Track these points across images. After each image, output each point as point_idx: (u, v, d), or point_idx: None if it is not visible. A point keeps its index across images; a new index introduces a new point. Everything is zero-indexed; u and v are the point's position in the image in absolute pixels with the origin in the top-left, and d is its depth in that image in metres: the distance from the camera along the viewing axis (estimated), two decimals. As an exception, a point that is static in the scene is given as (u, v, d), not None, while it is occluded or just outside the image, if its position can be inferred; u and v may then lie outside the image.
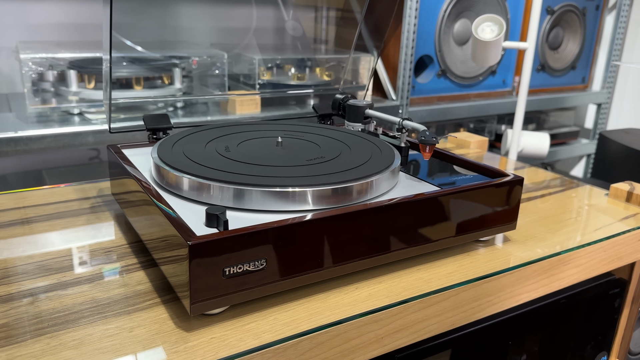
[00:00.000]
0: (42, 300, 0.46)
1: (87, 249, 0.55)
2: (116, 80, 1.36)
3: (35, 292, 0.47)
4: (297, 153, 0.58)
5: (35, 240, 0.57)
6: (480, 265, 0.55)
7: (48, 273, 0.50)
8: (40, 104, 1.31)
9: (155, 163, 0.52)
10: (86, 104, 1.29)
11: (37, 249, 0.54)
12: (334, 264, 0.47)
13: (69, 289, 0.48)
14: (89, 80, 1.32)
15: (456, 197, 0.53)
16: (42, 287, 0.48)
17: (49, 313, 0.44)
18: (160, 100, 1.38)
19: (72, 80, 1.29)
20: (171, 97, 1.37)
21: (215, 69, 1.40)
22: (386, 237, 0.50)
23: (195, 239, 0.40)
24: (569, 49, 2.05)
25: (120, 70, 1.34)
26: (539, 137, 1.19)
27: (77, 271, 0.51)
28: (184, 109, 1.40)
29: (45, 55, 1.25)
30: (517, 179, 0.58)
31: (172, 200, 0.50)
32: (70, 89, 1.29)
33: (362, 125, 0.71)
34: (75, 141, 1.19)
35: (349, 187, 0.50)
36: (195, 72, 1.43)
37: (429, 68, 1.67)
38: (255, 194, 0.48)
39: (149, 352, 0.40)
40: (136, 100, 1.33)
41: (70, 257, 0.53)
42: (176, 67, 1.38)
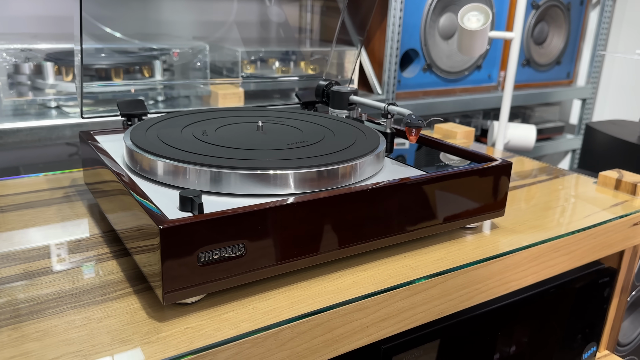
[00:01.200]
0: (6, 290, 0.43)
1: (56, 238, 0.52)
2: (95, 71, 1.33)
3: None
4: (279, 137, 0.55)
5: (0, 230, 0.53)
6: (468, 252, 0.53)
7: (13, 263, 0.47)
8: (15, 96, 1.27)
9: (128, 147, 0.50)
10: (64, 97, 1.26)
11: (2, 240, 0.51)
12: (316, 250, 0.45)
13: (35, 280, 0.45)
14: (67, 72, 1.28)
15: (443, 182, 0.51)
16: (5, 278, 0.45)
17: (12, 304, 0.41)
18: (140, 93, 1.35)
19: (49, 73, 1.26)
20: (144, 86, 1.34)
21: (197, 61, 1.37)
22: (371, 223, 0.48)
23: (167, 223, 0.38)
24: (554, 44, 2.05)
25: (99, 61, 1.30)
26: (525, 129, 1.18)
27: (44, 261, 0.48)
28: (165, 102, 1.37)
29: (20, 47, 1.21)
30: (505, 164, 0.56)
31: (146, 185, 0.47)
32: (47, 82, 1.26)
33: (346, 112, 0.69)
34: (52, 135, 1.16)
35: (332, 170, 0.48)
36: (177, 64, 1.40)
37: (415, 62, 1.65)
38: (234, 177, 0.45)
39: (119, 343, 0.37)
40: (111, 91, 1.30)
41: (39, 247, 0.50)
42: (156, 59, 1.34)
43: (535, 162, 0.86)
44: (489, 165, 0.55)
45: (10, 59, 1.22)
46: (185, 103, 1.39)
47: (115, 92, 1.33)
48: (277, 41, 1.68)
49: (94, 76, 1.32)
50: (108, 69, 1.31)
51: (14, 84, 1.28)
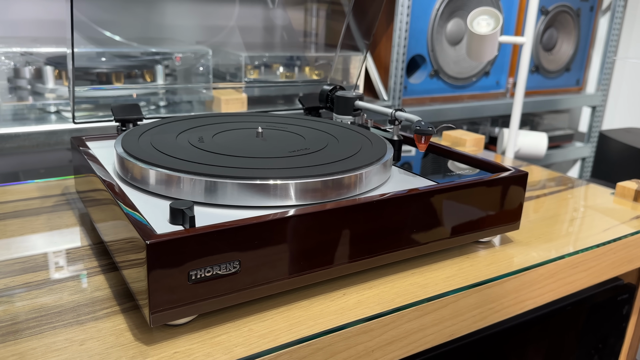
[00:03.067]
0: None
1: (42, 250, 0.49)
2: (96, 76, 1.31)
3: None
4: (279, 144, 0.52)
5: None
6: (481, 268, 0.50)
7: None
8: (14, 100, 1.25)
9: (119, 154, 0.47)
10: (64, 102, 1.23)
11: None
12: (318, 267, 0.42)
13: (16, 296, 0.42)
14: (67, 77, 1.25)
15: (454, 193, 0.48)
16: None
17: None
18: (141, 97, 1.32)
19: (49, 77, 1.23)
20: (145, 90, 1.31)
21: (200, 66, 1.34)
22: (377, 237, 0.44)
23: (154, 238, 0.35)
24: (563, 51, 2.02)
25: (99, 65, 1.28)
26: (536, 136, 1.14)
27: (27, 276, 0.45)
28: (167, 107, 1.34)
29: (19, 50, 1.19)
30: (520, 174, 0.53)
31: (137, 196, 0.44)
32: (47, 86, 1.23)
33: (351, 118, 0.66)
34: (50, 140, 1.13)
35: (336, 180, 0.44)
36: (179, 69, 1.38)
37: (422, 68, 1.62)
38: (230, 187, 0.42)
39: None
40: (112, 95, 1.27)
41: (22, 259, 0.47)
42: (159, 64, 1.32)
43: (547, 172, 0.82)
44: (503, 175, 0.51)
45: (9, 63, 1.19)
46: (187, 108, 1.36)
47: (116, 96, 1.31)
48: (282, 46, 1.66)
49: (95, 80, 1.30)
50: (109, 73, 1.29)
51: (14, 88, 1.26)
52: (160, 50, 1.32)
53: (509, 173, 0.52)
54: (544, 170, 0.83)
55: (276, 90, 1.44)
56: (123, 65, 1.30)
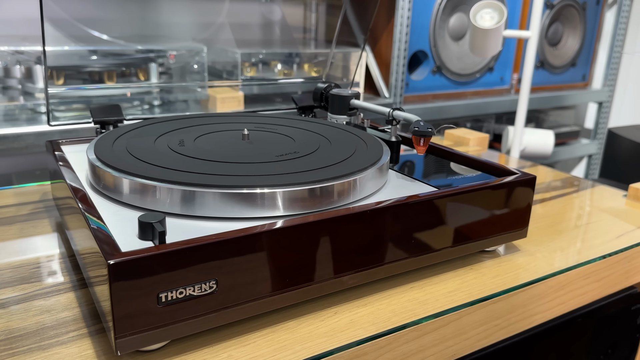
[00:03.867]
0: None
1: (10, 264, 0.45)
2: (88, 75, 1.27)
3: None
4: (266, 148, 0.48)
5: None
6: (486, 281, 0.46)
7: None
8: (5, 101, 1.21)
9: (90, 161, 0.43)
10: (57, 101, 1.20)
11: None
12: (306, 283, 0.38)
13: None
14: (58, 76, 1.22)
15: (457, 200, 0.44)
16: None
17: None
18: (135, 97, 1.28)
19: (39, 76, 1.20)
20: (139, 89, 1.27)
21: (194, 64, 1.30)
22: (372, 248, 0.41)
23: (118, 256, 0.31)
24: (569, 45, 1.97)
25: (91, 64, 1.24)
26: (542, 134, 1.10)
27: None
28: (162, 107, 1.30)
29: (7, 49, 1.15)
30: (527, 178, 0.49)
31: (108, 207, 0.40)
32: (37, 86, 1.20)
33: (347, 117, 0.62)
34: (41, 141, 1.09)
35: (328, 187, 0.40)
36: (174, 67, 1.34)
37: (424, 64, 1.58)
38: (209, 196, 0.38)
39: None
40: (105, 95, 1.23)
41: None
42: (153, 62, 1.28)
43: (554, 172, 0.78)
44: (509, 179, 0.47)
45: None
46: (182, 108, 1.32)
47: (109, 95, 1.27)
48: (281, 43, 1.62)
49: (87, 79, 1.26)
50: (101, 72, 1.25)
51: (5, 88, 1.22)
52: (154, 48, 1.29)
53: (515, 177, 0.48)
54: (551, 171, 0.78)
55: (274, 88, 1.40)
56: (116, 64, 1.27)
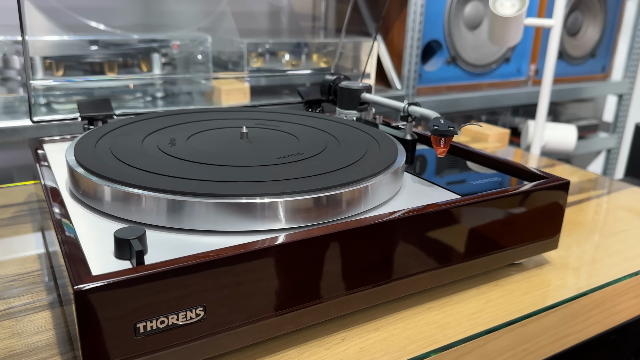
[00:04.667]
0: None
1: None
2: (89, 65, 1.23)
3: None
4: (267, 148, 0.43)
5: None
6: (513, 300, 0.41)
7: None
8: (5, 93, 1.17)
9: (69, 164, 0.38)
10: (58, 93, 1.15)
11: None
12: (310, 304, 0.33)
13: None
14: (57, 67, 1.18)
15: (481, 208, 0.39)
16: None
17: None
18: (138, 89, 1.24)
19: (38, 67, 1.16)
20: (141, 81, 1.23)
21: (199, 54, 1.25)
22: (385, 264, 0.36)
23: (86, 281, 0.26)
24: (589, 35, 1.89)
25: (92, 54, 1.20)
26: (564, 129, 1.04)
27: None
28: (165, 99, 1.26)
29: (5, 38, 1.11)
30: (560, 183, 0.43)
31: (88, 217, 0.36)
32: (37, 77, 1.16)
33: (357, 113, 0.57)
34: (38, 134, 1.05)
35: (336, 196, 0.35)
36: (178, 58, 1.29)
37: (438, 55, 1.52)
38: (200, 207, 0.33)
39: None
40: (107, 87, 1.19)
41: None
42: (155, 52, 1.23)
43: (580, 172, 0.72)
44: (541, 185, 0.42)
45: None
46: (186, 100, 1.28)
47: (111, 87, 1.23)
48: (288, 32, 1.56)
49: (88, 70, 1.22)
50: (102, 62, 1.21)
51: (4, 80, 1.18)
52: (156, 38, 1.24)
53: (546, 182, 0.43)
54: (576, 170, 0.73)
55: (281, 80, 1.35)
56: (117, 54, 1.22)
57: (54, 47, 1.15)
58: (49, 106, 1.16)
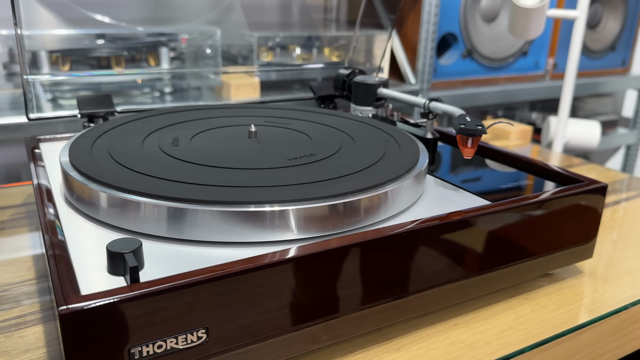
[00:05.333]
0: None
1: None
2: (96, 60, 1.20)
3: None
4: (277, 149, 0.40)
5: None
6: (546, 315, 0.37)
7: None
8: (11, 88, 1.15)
9: (62, 167, 0.35)
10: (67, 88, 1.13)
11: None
12: (324, 319, 0.30)
13: None
14: (64, 62, 1.15)
15: (513, 215, 0.35)
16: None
17: None
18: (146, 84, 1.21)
19: (44, 62, 1.13)
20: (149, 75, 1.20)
21: (207, 48, 1.22)
22: (407, 277, 0.32)
23: (73, 302, 0.23)
24: (609, 28, 1.84)
25: (99, 49, 1.17)
26: (587, 126, 1.00)
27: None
28: (174, 95, 1.23)
29: (6, 33, 1.08)
30: (598, 187, 0.40)
31: (82, 226, 0.33)
32: (43, 72, 1.13)
33: (373, 109, 0.53)
34: (43, 131, 1.03)
35: (353, 203, 0.32)
36: (186, 52, 1.26)
37: (453, 48, 1.47)
38: (204, 215, 0.30)
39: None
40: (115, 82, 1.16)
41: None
42: (163, 46, 1.20)
43: (610, 172, 0.68)
44: (576, 189, 0.38)
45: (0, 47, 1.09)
46: (195, 95, 1.25)
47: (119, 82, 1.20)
48: (300, 25, 1.52)
49: (95, 65, 1.19)
50: (109, 57, 1.18)
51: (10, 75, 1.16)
52: (164, 31, 1.21)
53: (583, 185, 0.39)
54: (604, 170, 0.69)
55: (292, 74, 1.31)
56: (125, 49, 1.19)
57: (60, 41, 1.12)
58: (55, 101, 1.14)
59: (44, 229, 0.30)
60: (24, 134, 1.03)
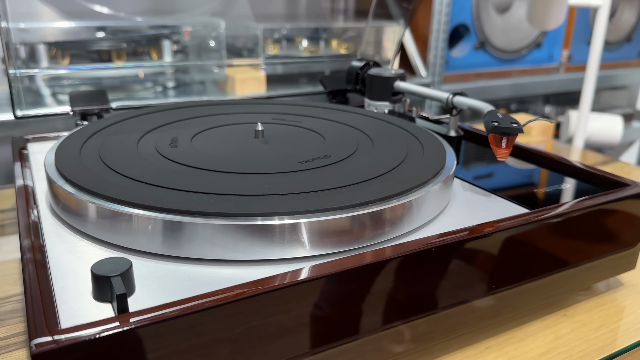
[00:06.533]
0: None
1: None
2: (97, 53, 1.16)
3: None
4: (286, 150, 0.36)
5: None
6: (588, 335, 0.33)
7: None
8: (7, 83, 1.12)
9: (47, 173, 0.31)
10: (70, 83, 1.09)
11: None
12: (339, 342, 0.26)
13: None
14: (63, 55, 1.11)
15: (554, 224, 0.31)
16: None
17: None
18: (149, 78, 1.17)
19: (43, 56, 1.09)
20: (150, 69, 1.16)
21: (211, 41, 1.18)
22: (433, 295, 0.28)
23: (47, 335, 0.19)
24: (625, 19, 1.78)
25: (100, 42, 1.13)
26: (609, 120, 0.95)
27: None
28: (177, 89, 1.19)
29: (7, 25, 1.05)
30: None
31: (67, 240, 0.29)
32: (42, 66, 1.09)
33: (389, 104, 0.49)
34: (40, 128, 0.99)
35: (374, 214, 0.28)
36: (190, 45, 1.22)
37: (465, 39, 1.43)
38: (204, 229, 0.26)
39: None
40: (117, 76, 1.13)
41: None
42: (166, 39, 1.16)
43: (636, 168, 0.64)
44: (623, 193, 0.34)
45: None
46: (199, 90, 1.21)
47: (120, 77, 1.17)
48: (307, 16, 1.48)
49: (95, 59, 1.15)
50: (109, 50, 1.14)
51: (8, 70, 1.12)
52: (167, 24, 1.17)
53: (629, 190, 0.35)
54: (635, 168, 0.64)
55: (299, 68, 1.27)
56: (126, 41, 1.16)
57: (59, 34, 1.09)
58: (54, 97, 1.10)
59: (22, 243, 0.26)
60: (22, 131, 1.00)
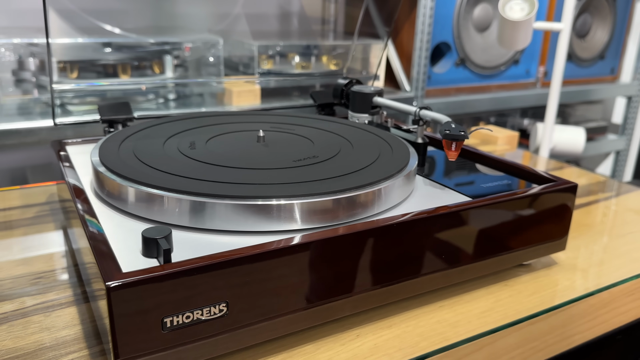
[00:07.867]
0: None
1: (10, 273, 0.43)
2: (102, 68, 1.25)
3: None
4: (283, 151, 0.45)
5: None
6: (522, 300, 0.42)
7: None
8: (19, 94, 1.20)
9: (94, 166, 0.40)
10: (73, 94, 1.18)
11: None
12: (325, 302, 0.35)
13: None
14: (72, 69, 1.20)
15: (492, 210, 0.40)
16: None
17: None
18: (150, 90, 1.26)
19: (53, 70, 1.18)
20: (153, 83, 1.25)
21: (210, 56, 1.27)
22: (398, 264, 0.37)
23: (118, 278, 0.28)
24: (598, 37, 1.90)
25: (105, 57, 1.22)
26: (573, 132, 1.05)
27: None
28: (177, 101, 1.28)
29: (21, 41, 1.13)
30: (568, 186, 0.44)
31: (113, 217, 0.37)
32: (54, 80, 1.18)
33: (369, 116, 0.58)
34: (52, 136, 1.07)
35: (351, 198, 0.37)
36: (190, 60, 1.31)
37: (447, 56, 1.53)
38: (220, 208, 0.35)
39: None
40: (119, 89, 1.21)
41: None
42: (167, 54, 1.25)
43: (589, 174, 0.73)
44: (549, 187, 0.43)
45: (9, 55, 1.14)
46: (198, 102, 1.30)
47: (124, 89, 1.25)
48: (299, 34, 1.57)
49: (101, 73, 1.24)
50: (115, 65, 1.23)
51: (19, 81, 1.21)
52: (169, 40, 1.26)
53: (555, 185, 0.44)
54: (585, 172, 0.74)
55: (292, 82, 1.36)
56: (130, 57, 1.24)
57: (68, 50, 1.17)
58: (63, 107, 1.19)
59: (82, 219, 0.35)
60: (34, 138, 1.08)
